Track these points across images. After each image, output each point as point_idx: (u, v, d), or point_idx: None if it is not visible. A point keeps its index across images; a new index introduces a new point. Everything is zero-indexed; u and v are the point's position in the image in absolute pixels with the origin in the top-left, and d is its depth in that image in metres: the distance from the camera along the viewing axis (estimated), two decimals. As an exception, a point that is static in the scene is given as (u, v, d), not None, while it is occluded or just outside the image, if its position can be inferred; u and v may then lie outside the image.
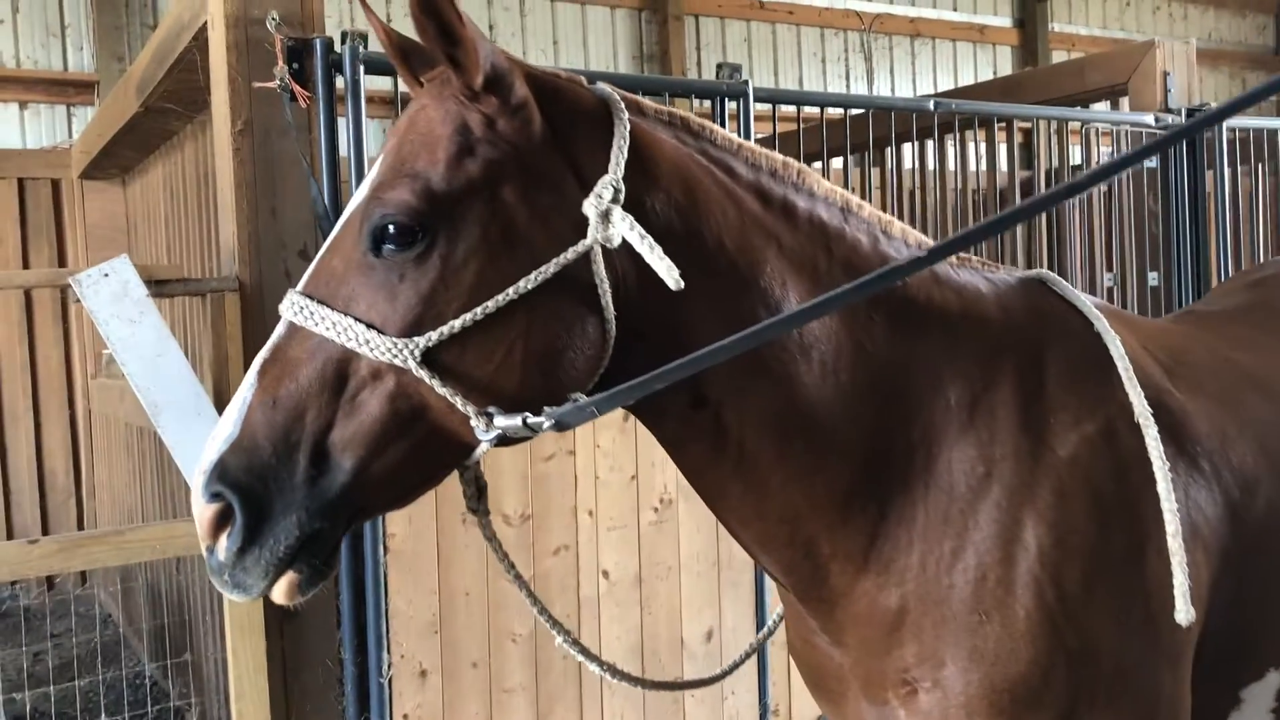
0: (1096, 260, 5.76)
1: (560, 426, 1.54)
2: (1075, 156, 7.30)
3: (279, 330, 1.56)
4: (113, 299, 3.29)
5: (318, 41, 3.46)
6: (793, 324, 1.60)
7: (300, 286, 1.58)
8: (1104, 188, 5.88)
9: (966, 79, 12.43)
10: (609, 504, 4.08)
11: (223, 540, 1.49)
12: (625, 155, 1.61)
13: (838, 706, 1.91)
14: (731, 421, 1.67)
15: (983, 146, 5.73)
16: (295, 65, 3.41)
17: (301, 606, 3.55)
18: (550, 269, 1.54)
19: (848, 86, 11.71)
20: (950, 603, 1.68)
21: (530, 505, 3.93)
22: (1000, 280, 1.88)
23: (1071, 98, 6.03)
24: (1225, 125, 5.60)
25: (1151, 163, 5.59)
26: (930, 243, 1.83)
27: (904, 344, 1.71)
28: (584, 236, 1.57)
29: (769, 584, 4.45)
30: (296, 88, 3.27)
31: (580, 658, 1.86)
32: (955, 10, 12.55)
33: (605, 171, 1.60)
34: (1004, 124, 5.90)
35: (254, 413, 1.50)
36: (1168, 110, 5.58)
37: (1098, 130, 5.48)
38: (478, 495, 1.73)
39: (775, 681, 4.50)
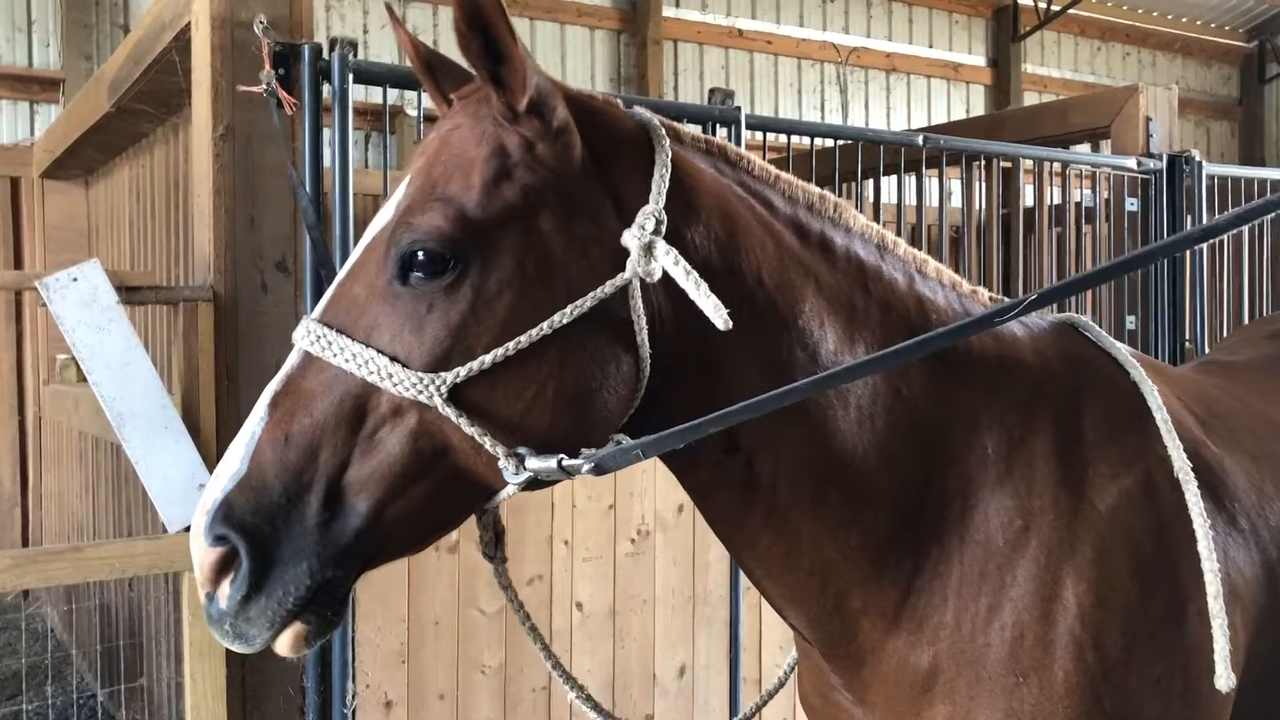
0: (1072, 302, 5.76)
1: (599, 470, 1.44)
2: (1054, 196, 7.33)
3: (292, 360, 1.46)
4: (81, 304, 3.15)
5: (305, 48, 3.36)
6: (866, 371, 1.52)
7: (317, 314, 1.47)
8: (1086, 229, 5.90)
9: (939, 115, 12.51)
10: (585, 534, 3.98)
11: (224, 587, 1.38)
12: (667, 184, 1.52)
13: None
14: (765, 468, 1.59)
15: (956, 183, 5.73)
16: (281, 71, 3.30)
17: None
18: (587, 303, 1.44)
19: (822, 118, 11.74)
20: (986, 662, 1.60)
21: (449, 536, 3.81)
22: (1034, 324, 1.81)
23: (1053, 138, 6.05)
24: (1205, 173, 5.63)
25: (1133, 206, 5.61)
26: (965, 284, 1.76)
27: (941, 390, 1.64)
28: (622, 269, 1.48)
29: (744, 621, 4.37)
30: (283, 94, 3.16)
31: (591, 712, 1.75)
32: (931, 47, 12.65)
33: (646, 201, 1.51)
34: (984, 162, 5.91)
35: (264, 449, 1.39)
36: (1149, 155, 5.61)
37: (1085, 172, 5.48)
38: (495, 541, 1.62)
39: (746, 719, 4.40)
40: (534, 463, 1.42)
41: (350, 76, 3.38)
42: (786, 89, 11.70)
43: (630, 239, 1.48)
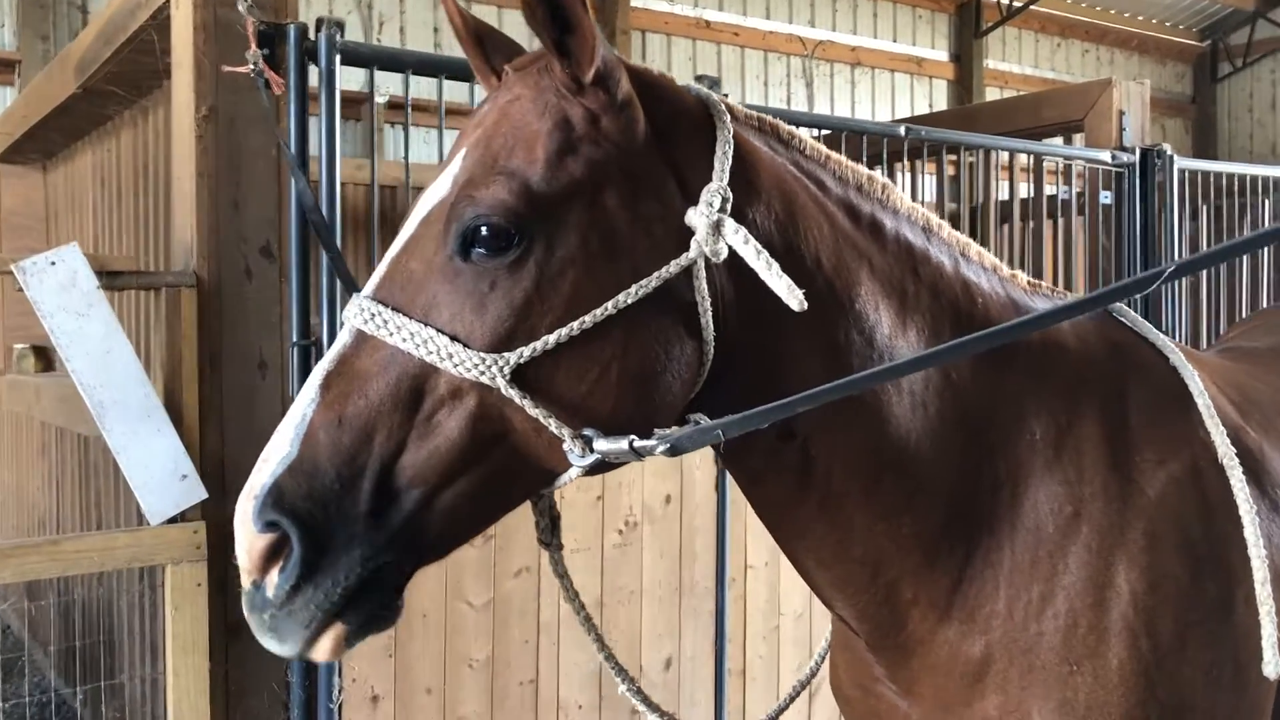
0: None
1: (674, 451, 1.39)
2: (1024, 189, 7.38)
3: (344, 339, 1.39)
4: (59, 289, 3.05)
5: (291, 28, 3.27)
6: (942, 359, 1.49)
7: (370, 291, 1.41)
8: (1060, 221, 5.94)
9: (903, 109, 12.59)
10: (573, 525, 3.93)
11: (273, 575, 1.31)
12: (730, 162, 1.49)
13: None
14: (820, 454, 1.56)
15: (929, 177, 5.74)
16: (265, 51, 3.21)
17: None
18: (653, 282, 1.40)
19: (788, 110, 11.76)
20: (1039, 651, 1.58)
21: (493, 525, 3.76)
22: None
23: (1026, 131, 6.09)
24: (1177, 167, 5.69)
25: (1106, 199, 5.66)
26: (1005, 268, 1.74)
27: (988, 375, 1.62)
28: (687, 249, 1.44)
29: (729, 613, 4.34)
30: (271, 74, 3.07)
31: (642, 706, 1.70)
32: (895, 41, 12.72)
33: (708, 179, 1.47)
34: (958, 155, 5.94)
35: (316, 432, 1.33)
36: (1122, 148, 5.66)
37: (1059, 166, 5.52)
38: (551, 527, 1.58)
39: (731, 713, 4.39)
40: (603, 444, 1.37)
41: (338, 58, 3.30)
42: (753, 81, 11.71)
43: (698, 217, 1.44)
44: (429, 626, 3.63)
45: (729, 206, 1.46)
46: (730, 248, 1.45)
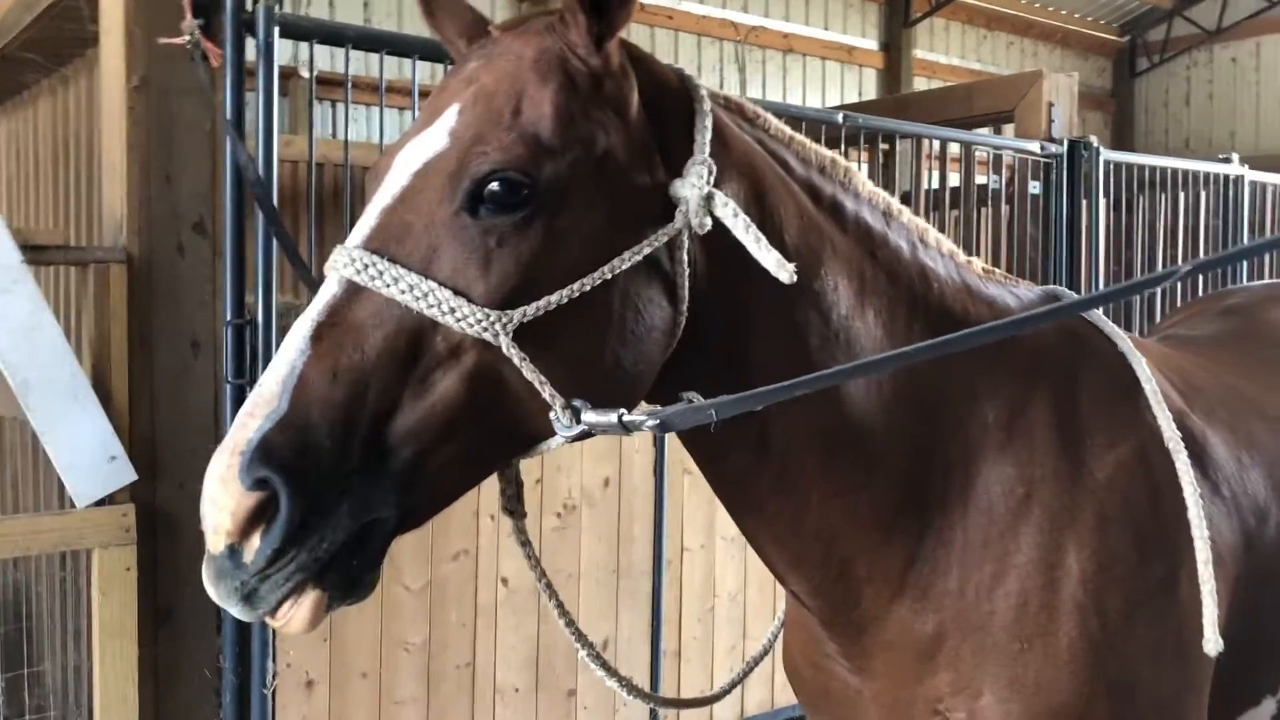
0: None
1: (664, 428, 1.38)
2: (951, 178, 7.50)
3: (332, 289, 1.34)
4: (-19, 264, 2.93)
5: (228, -2, 3.18)
6: (918, 356, 1.49)
7: (360, 241, 1.36)
8: (988, 210, 6.05)
9: (834, 97, 12.70)
10: (511, 508, 3.91)
11: (254, 539, 1.24)
12: (710, 137, 1.49)
13: None
14: (778, 432, 1.57)
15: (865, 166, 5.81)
16: (201, 21, 3.12)
17: (179, 611, 3.24)
18: (645, 249, 1.40)
19: (720, 95, 11.77)
20: (990, 629, 1.61)
21: (430, 507, 3.73)
22: (1024, 295, 1.84)
23: (957, 121, 6.18)
24: (1103, 159, 5.83)
25: (1035, 189, 5.77)
26: (961, 254, 1.77)
27: (944, 359, 1.65)
28: (671, 219, 1.44)
29: (666, 595, 4.37)
30: (208, 45, 2.99)
31: (601, 672, 1.70)
32: (826, 29, 12.82)
33: (689, 153, 1.48)
34: (887, 142, 6.02)
35: (308, 385, 1.27)
36: (1051, 140, 5.77)
37: (990, 155, 5.61)
38: (517, 495, 1.56)
39: (665, 692, 4.41)
40: (591, 416, 1.36)
41: (276, 30, 3.22)
42: (687, 65, 11.70)
43: (687, 189, 1.45)
44: (364, 610, 3.58)
45: (714, 180, 1.47)
46: (715, 220, 1.46)
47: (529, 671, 3.99)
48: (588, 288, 1.36)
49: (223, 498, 1.23)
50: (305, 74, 7.17)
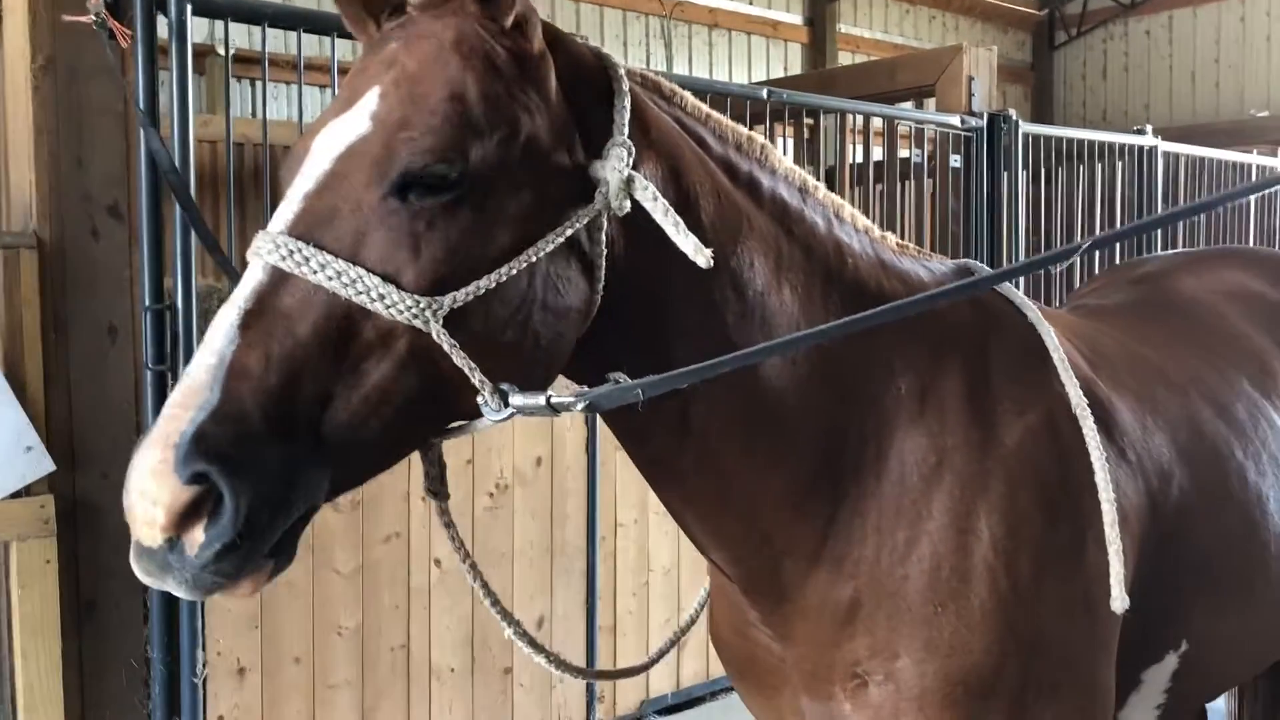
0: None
1: (593, 408, 1.39)
2: (877, 153, 7.59)
3: (256, 276, 1.31)
4: (-117, 252, 2.84)
5: (137, -26, 3.10)
6: (838, 332, 1.53)
7: (283, 227, 1.33)
8: (911, 184, 6.13)
9: (759, 72, 12.72)
10: (443, 489, 3.89)
11: (196, 534, 1.21)
12: (629, 118, 1.50)
13: (770, 701, 1.86)
14: (699, 411, 1.59)
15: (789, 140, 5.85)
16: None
17: (99, 601, 3.18)
18: (567, 230, 1.40)
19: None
20: (905, 594, 1.65)
21: (360, 490, 3.68)
22: (936, 269, 1.87)
23: (880, 95, 6.25)
24: (1021, 131, 5.93)
25: (956, 163, 5.86)
26: (875, 230, 1.80)
27: (857, 333, 1.67)
28: (590, 200, 1.44)
29: (600, 571, 4.39)
30: (115, 25, 2.91)
31: (529, 650, 1.71)
32: (751, 4, 12.83)
33: (609, 134, 1.48)
34: (812, 117, 6.06)
35: (240, 374, 1.24)
36: (971, 113, 5.86)
37: (913, 129, 5.69)
38: (440, 476, 1.56)
39: (602, 666, 4.44)
40: (518, 400, 1.37)
41: (189, 8, 3.14)
42: (613, 40, 11.65)
43: (608, 171, 1.45)
44: (295, 596, 3.55)
45: (634, 161, 1.48)
46: (635, 202, 1.47)
47: (464, 652, 3.99)
48: (514, 271, 1.36)
49: (156, 491, 1.20)
50: (221, 52, 7.01)
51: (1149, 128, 7.12)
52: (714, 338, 1.56)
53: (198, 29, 3.29)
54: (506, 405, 1.37)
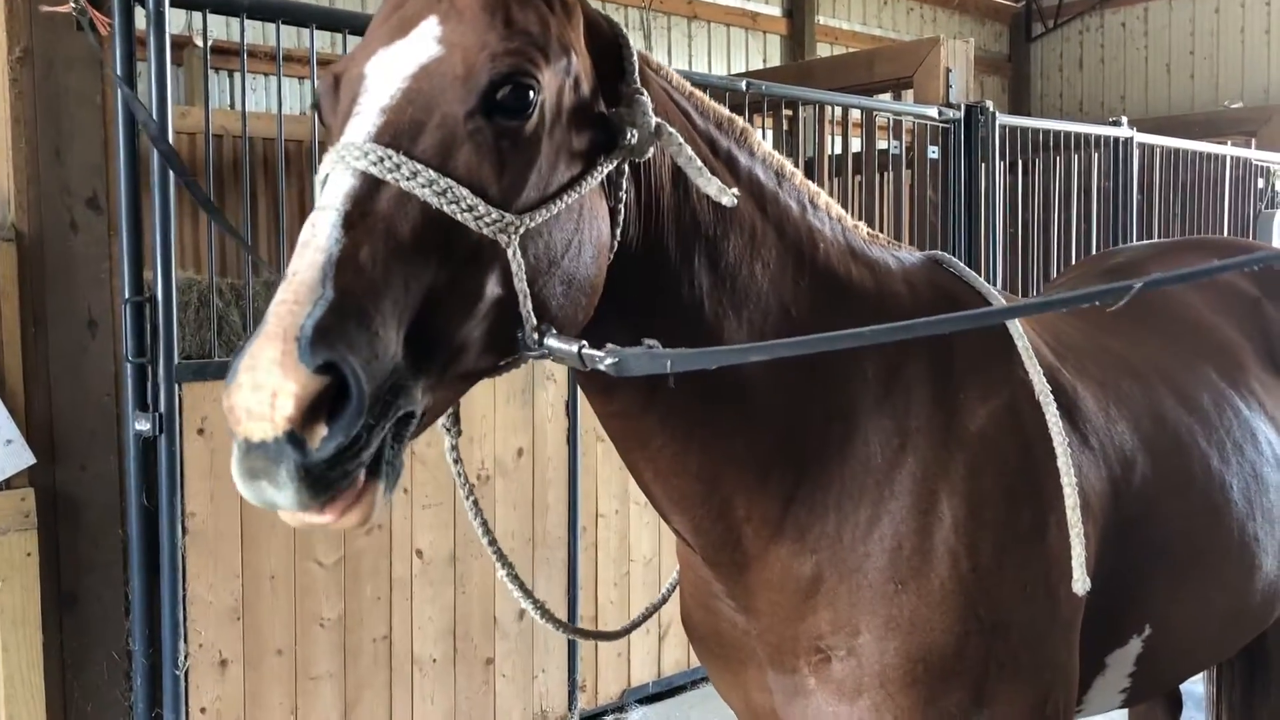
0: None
1: (619, 369, 1.37)
2: (854, 144, 7.62)
3: (347, 181, 1.28)
4: None
5: (114, -35, 3.09)
6: (860, 341, 1.51)
7: (369, 135, 1.32)
8: (889, 175, 6.17)
9: (739, 64, 12.73)
10: (425, 480, 3.91)
11: (320, 428, 1.15)
12: (637, 77, 1.54)
13: (736, 675, 1.88)
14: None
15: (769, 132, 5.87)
16: (88, -11, 3.03)
17: (86, 592, 3.18)
18: (605, 167, 1.44)
19: (626, 62, 11.70)
20: (866, 571, 1.68)
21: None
22: (905, 258, 1.90)
23: (858, 87, 6.28)
24: (999, 122, 5.98)
25: (934, 154, 5.90)
26: (849, 218, 1.82)
27: (826, 315, 1.70)
28: (615, 146, 1.47)
29: (581, 562, 4.41)
30: (95, 14, 2.90)
31: (518, 594, 1.74)
32: (730, -5, 12.83)
33: (621, 86, 1.52)
34: (791, 108, 6.09)
35: (350, 269, 1.21)
36: (949, 105, 5.90)
37: (891, 121, 5.72)
38: (454, 414, 1.57)
39: (584, 658, 4.47)
40: (553, 342, 1.37)
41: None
42: (592, 32, 11.64)
43: (636, 117, 1.48)
44: (277, 587, 3.56)
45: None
46: (659, 149, 1.51)
47: (446, 642, 4.01)
48: (572, 199, 1.39)
49: (281, 382, 1.13)
50: (200, 43, 6.97)
51: (1124, 119, 7.18)
52: (686, 301, 1.59)
53: (175, 20, 3.28)
54: (541, 345, 1.37)
